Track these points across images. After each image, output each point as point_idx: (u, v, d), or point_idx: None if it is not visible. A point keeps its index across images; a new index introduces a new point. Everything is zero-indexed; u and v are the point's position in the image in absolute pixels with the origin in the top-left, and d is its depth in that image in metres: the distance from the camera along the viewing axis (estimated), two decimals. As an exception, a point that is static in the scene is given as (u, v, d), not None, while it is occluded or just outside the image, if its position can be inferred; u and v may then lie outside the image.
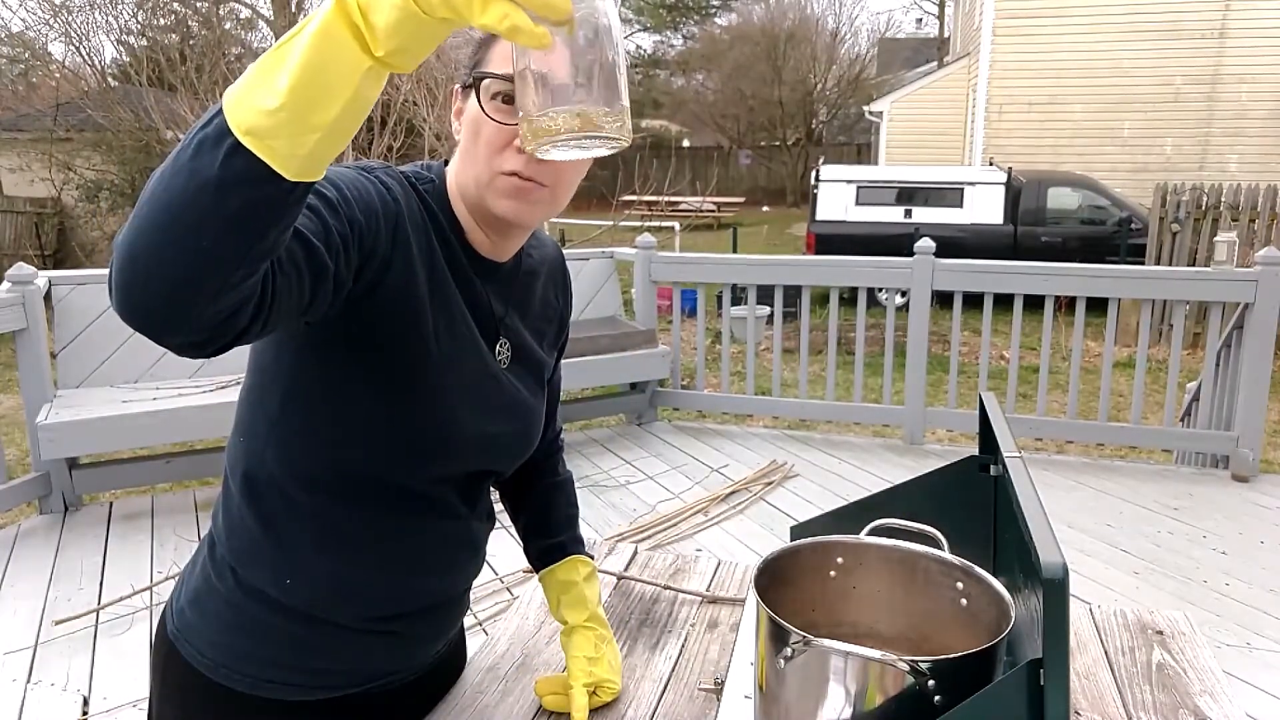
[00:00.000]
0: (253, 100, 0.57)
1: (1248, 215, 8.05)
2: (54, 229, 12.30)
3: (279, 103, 0.56)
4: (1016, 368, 4.58)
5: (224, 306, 0.63)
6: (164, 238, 0.59)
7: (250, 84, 0.58)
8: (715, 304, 7.27)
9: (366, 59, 0.56)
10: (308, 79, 0.56)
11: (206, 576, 0.99)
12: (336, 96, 0.57)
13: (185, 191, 0.58)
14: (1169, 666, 1.16)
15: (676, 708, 1.09)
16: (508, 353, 1.01)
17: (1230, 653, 2.68)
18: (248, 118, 0.57)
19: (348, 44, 0.56)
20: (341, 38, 0.55)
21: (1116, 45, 13.15)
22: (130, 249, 0.60)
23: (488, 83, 0.88)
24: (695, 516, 3.69)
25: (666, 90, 29.51)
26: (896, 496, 1.12)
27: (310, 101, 0.57)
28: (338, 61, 0.56)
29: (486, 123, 0.88)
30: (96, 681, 2.58)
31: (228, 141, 0.57)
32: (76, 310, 3.91)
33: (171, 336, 0.63)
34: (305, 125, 0.57)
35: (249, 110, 0.57)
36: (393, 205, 0.86)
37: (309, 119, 0.57)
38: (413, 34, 0.55)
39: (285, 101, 0.56)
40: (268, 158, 0.57)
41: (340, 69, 0.56)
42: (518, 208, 0.89)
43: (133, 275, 0.60)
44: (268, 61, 0.58)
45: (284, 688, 0.98)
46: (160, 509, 3.85)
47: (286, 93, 0.56)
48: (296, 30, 0.57)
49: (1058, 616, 0.73)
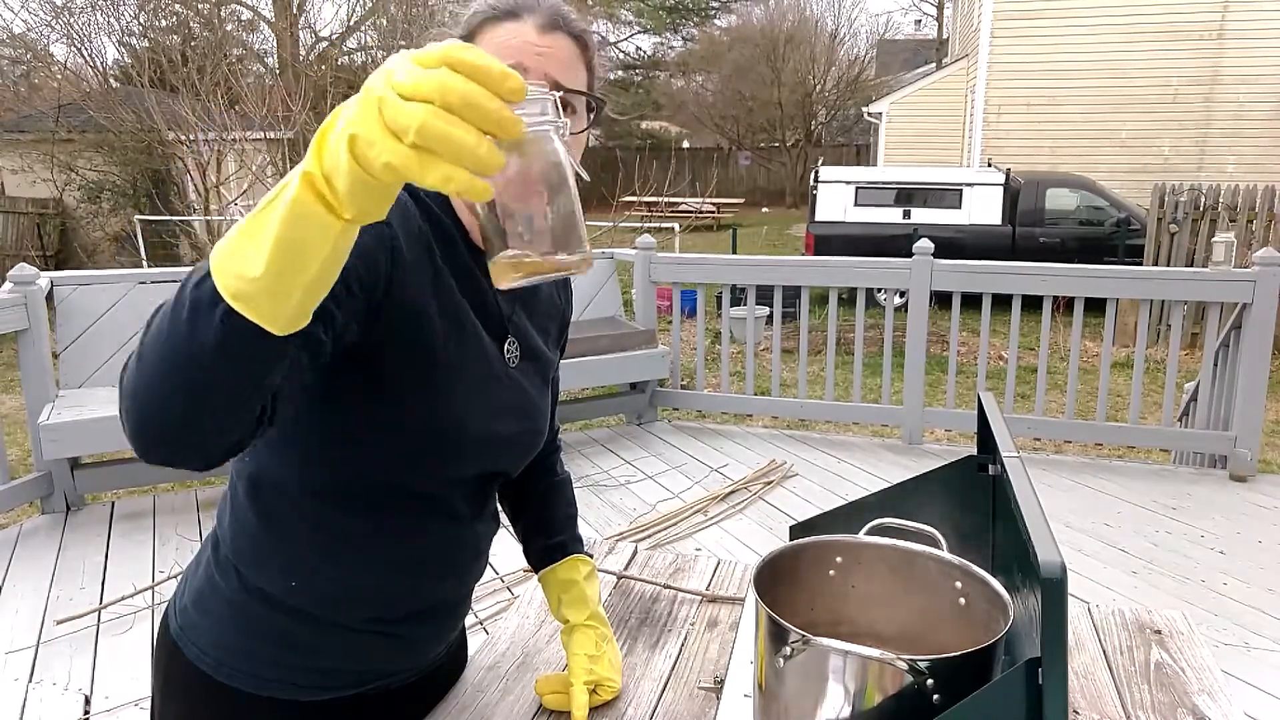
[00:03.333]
0: (236, 268, 0.59)
1: (1245, 216, 8.06)
2: (56, 230, 12.30)
3: (260, 271, 0.58)
4: (1015, 368, 4.59)
5: (232, 438, 0.68)
6: (170, 393, 0.63)
7: (232, 250, 0.60)
8: (715, 304, 7.27)
9: (337, 222, 0.57)
10: (283, 249, 0.58)
11: (210, 576, 0.99)
12: (313, 259, 0.59)
13: (185, 353, 0.61)
14: (1167, 666, 1.17)
15: (676, 706, 1.10)
16: (516, 351, 1.01)
17: (1228, 652, 2.68)
18: (232, 284, 0.59)
19: (318, 213, 0.57)
20: (311, 208, 0.57)
21: (1115, 46, 13.16)
22: (138, 400, 0.64)
23: None
24: (695, 516, 3.69)
25: (666, 92, 29.49)
26: (895, 496, 1.13)
27: (288, 268, 0.58)
28: (310, 230, 0.57)
29: None
30: (98, 681, 2.59)
31: (220, 306, 0.60)
32: (78, 310, 3.91)
33: (185, 466, 0.68)
34: (286, 289, 0.59)
35: (233, 277, 0.59)
36: (386, 230, 0.84)
37: (289, 283, 0.59)
38: (370, 196, 0.56)
39: (265, 270, 0.58)
40: (255, 318, 0.60)
41: (313, 236, 0.58)
42: None
43: (143, 423, 0.64)
44: (248, 229, 0.59)
45: (286, 687, 0.98)
46: (162, 509, 3.85)
47: (265, 263, 0.58)
48: (274, 194, 0.58)
49: (1056, 616, 0.73)
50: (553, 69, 0.88)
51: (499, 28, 0.88)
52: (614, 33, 27.55)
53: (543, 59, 0.87)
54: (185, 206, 10.79)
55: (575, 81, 0.90)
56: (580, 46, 0.92)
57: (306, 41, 15.68)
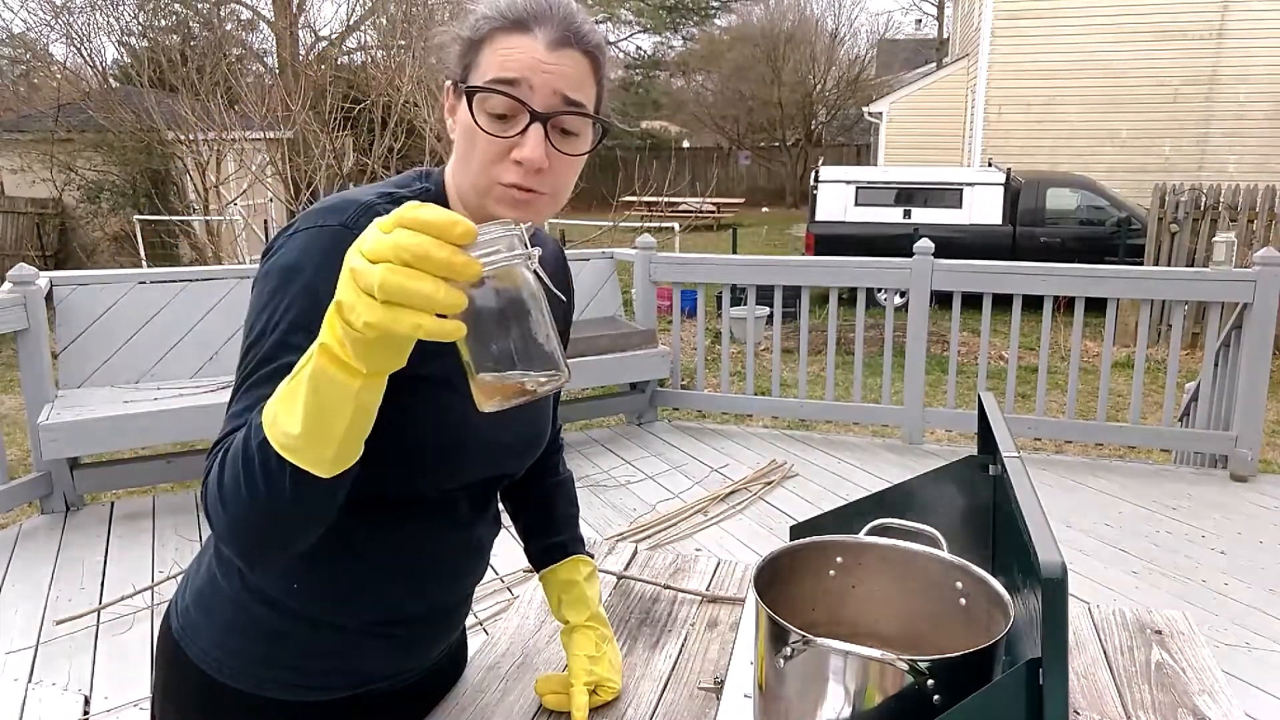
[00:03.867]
0: (281, 427, 0.69)
1: (1246, 216, 8.06)
2: (55, 230, 12.30)
3: (299, 430, 0.68)
4: (1015, 368, 4.59)
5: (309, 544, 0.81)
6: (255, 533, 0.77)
7: (276, 413, 0.70)
8: (715, 304, 7.27)
9: (356, 380, 0.65)
10: (313, 411, 0.67)
11: (212, 576, 0.99)
12: (341, 415, 0.67)
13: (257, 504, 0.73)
14: (1168, 666, 1.16)
15: (676, 707, 1.10)
16: None
17: (1229, 652, 2.68)
18: (278, 439, 0.70)
19: (337, 376, 0.65)
20: (329, 373, 0.65)
21: (1115, 46, 13.16)
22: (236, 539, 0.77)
23: (480, 95, 0.86)
24: (695, 516, 3.69)
25: (666, 91, 29.50)
26: (895, 496, 1.13)
27: (320, 424, 0.68)
28: (333, 392, 0.66)
29: (480, 134, 0.86)
30: (98, 681, 2.59)
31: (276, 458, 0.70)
32: (77, 311, 3.91)
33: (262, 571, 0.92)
34: (323, 440, 0.69)
35: (280, 434, 0.70)
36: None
37: (325, 435, 0.68)
38: (373, 351, 0.64)
39: (302, 429, 0.68)
40: (302, 465, 0.70)
41: (337, 396, 0.66)
42: (521, 214, 0.89)
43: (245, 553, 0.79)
44: (286, 394, 0.69)
45: (287, 688, 0.98)
46: (161, 509, 3.85)
47: (301, 421, 0.67)
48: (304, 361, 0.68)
49: (1057, 616, 0.73)
50: (561, 86, 0.86)
51: (508, 39, 0.86)
52: (614, 33, 27.55)
53: (550, 77, 0.85)
54: (185, 206, 10.79)
55: (585, 99, 0.88)
56: (592, 62, 0.88)
57: (306, 41, 15.69)
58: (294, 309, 0.82)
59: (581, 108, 0.88)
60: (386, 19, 13.73)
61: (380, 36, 13.94)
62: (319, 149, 7.85)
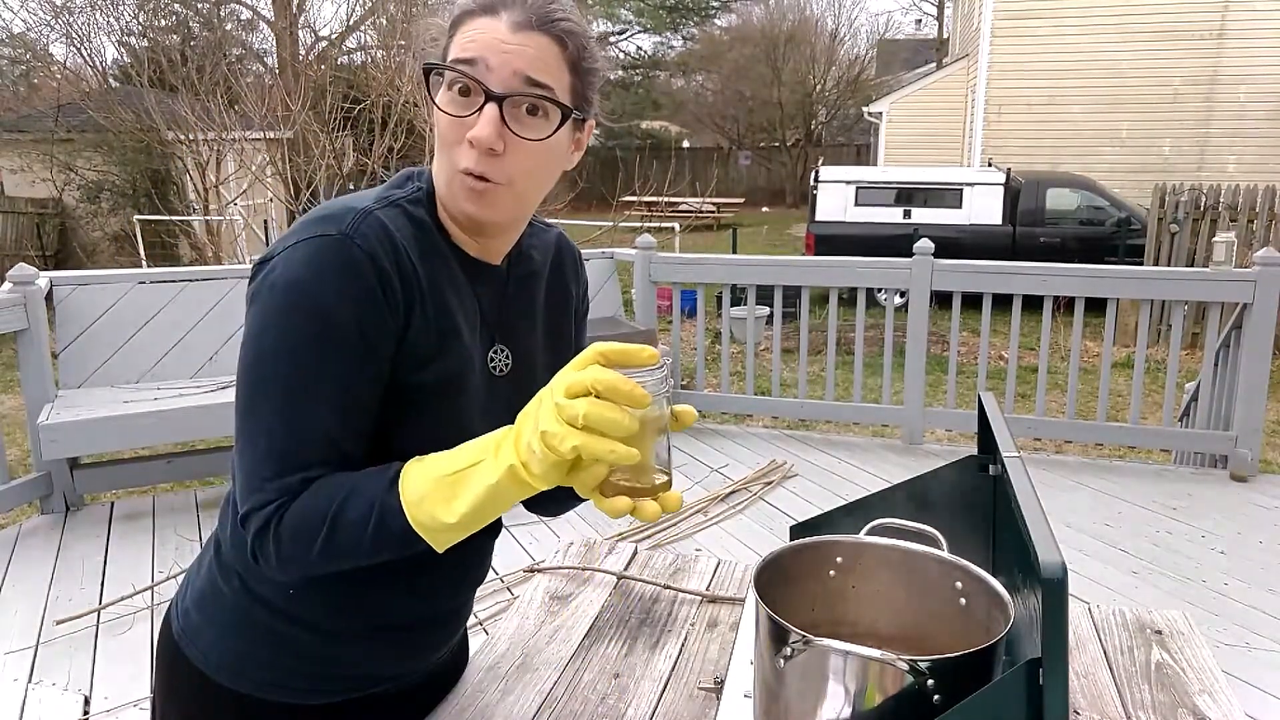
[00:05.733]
0: (430, 511, 0.78)
1: (1246, 216, 8.06)
2: (55, 230, 12.29)
3: (453, 521, 0.77)
4: (1015, 368, 4.59)
5: None
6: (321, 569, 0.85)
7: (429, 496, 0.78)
8: (715, 304, 7.27)
9: (529, 493, 0.75)
10: (478, 511, 0.77)
11: (213, 578, 0.99)
12: (496, 513, 0.78)
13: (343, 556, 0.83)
14: (1168, 666, 1.16)
15: (676, 707, 1.10)
16: (505, 360, 0.98)
17: (1229, 652, 2.68)
18: (422, 520, 0.78)
19: (515, 493, 0.76)
20: (511, 488, 0.75)
21: (1115, 46, 13.16)
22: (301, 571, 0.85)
23: (441, 76, 0.85)
24: (695, 516, 3.69)
25: (666, 91, 29.48)
26: (895, 496, 1.12)
27: (477, 521, 0.78)
28: (506, 500, 0.77)
29: (442, 117, 0.85)
30: (98, 681, 2.59)
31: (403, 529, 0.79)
32: (77, 311, 3.91)
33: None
34: (467, 530, 0.79)
35: (426, 516, 0.78)
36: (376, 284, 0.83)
37: (472, 527, 0.79)
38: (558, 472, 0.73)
39: (458, 522, 0.77)
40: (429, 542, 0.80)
41: (506, 502, 0.77)
42: (478, 210, 0.87)
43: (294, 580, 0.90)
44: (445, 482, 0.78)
45: (286, 691, 0.98)
46: (161, 509, 3.85)
47: (460, 517, 0.77)
48: (469, 461, 0.77)
49: (1057, 616, 0.73)
50: (521, 66, 0.83)
51: (474, 22, 0.85)
52: (614, 33, 27.53)
53: (509, 57, 0.83)
54: (185, 206, 10.78)
55: (551, 81, 0.85)
56: (561, 46, 0.86)
57: (306, 41, 15.69)
58: (305, 329, 0.81)
59: (544, 89, 0.85)
60: (386, 19, 13.73)
61: (380, 36, 13.94)
62: (319, 149, 7.85)
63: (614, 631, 1.27)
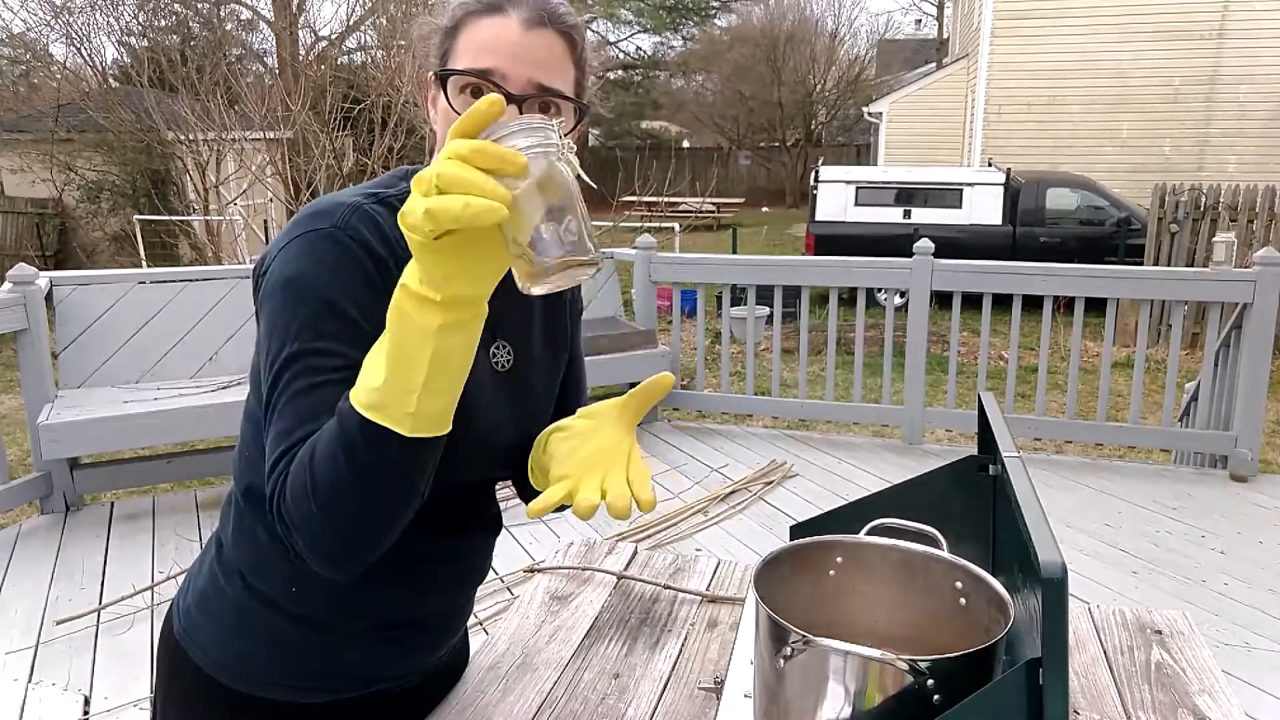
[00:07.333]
0: (364, 383, 0.72)
1: (1246, 216, 8.06)
2: (55, 230, 12.29)
3: (380, 380, 0.71)
4: (1015, 368, 4.59)
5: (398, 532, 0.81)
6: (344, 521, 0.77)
7: (362, 375, 0.73)
8: (715, 304, 7.27)
9: (433, 318, 0.68)
10: (394, 354, 0.70)
11: (214, 578, 0.99)
12: (420, 358, 0.69)
13: (340, 486, 0.74)
14: (1168, 666, 1.16)
15: (676, 707, 1.10)
16: (507, 356, 0.98)
17: (1229, 652, 2.68)
18: (364, 397, 0.72)
19: (415, 311, 0.68)
20: (407, 307, 0.69)
21: (1115, 46, 13.15)
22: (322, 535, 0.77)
23: (454, 79, 0.85)
24: (695, 516, 3.69)
25: (666, 91, 29.47)
26: (896, 496, 1.12)
27: (401, 369, 0.70)
28: (411, 331, 0.69)
29: (452, 117, 0.85)
30: (98, 681, 2.59)
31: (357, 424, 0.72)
32: (77, 311, 3.91)
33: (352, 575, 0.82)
34: (404, 388, 0.70)
35: (364, 392, 0.72)
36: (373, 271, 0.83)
37: (406, 383, 0.70)
38: (440, 261, 0.66)
39: (385, 377, 0.70)
40: (385, 422, 0.71)
41: (414, 336, 0.69)
42: None
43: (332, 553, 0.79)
44: (370, 354, 0.73)
45: (288, 690, 0.98)
46: (161, 509, 3.85)
47: (384, 369, 0.70)
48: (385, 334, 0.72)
49: (1057, 616, 0.73)
50: (535, 72, 0.85)
51: (481, 22, 0.85)
52: (614, 32, 27.54)
53: (523, 60, 0.84)
54: (184, 206, 10.78)
55: (561, 81, 0.87)
56: (569, 43, 0.87)
57: (306, 41, 15.67)
58: (309, 318, 0.81)
59: (558, 89, 0.86)
60: (386, 19, 13.73)
61: (380, 36, 13.94)
62: (319, 149, 7.85)
63: (614, 631, 1.27)
